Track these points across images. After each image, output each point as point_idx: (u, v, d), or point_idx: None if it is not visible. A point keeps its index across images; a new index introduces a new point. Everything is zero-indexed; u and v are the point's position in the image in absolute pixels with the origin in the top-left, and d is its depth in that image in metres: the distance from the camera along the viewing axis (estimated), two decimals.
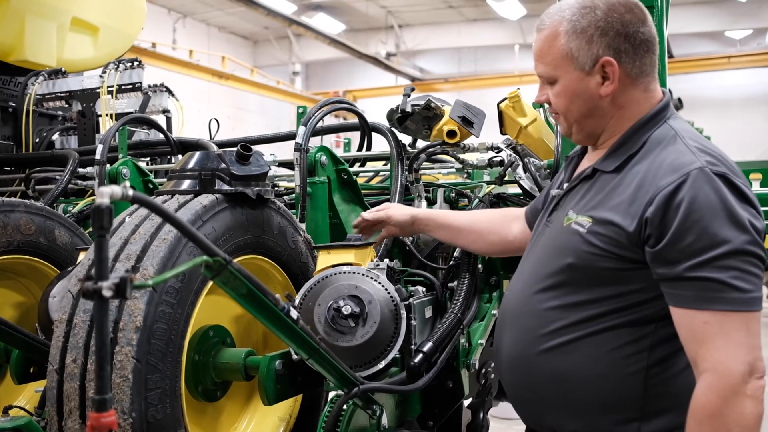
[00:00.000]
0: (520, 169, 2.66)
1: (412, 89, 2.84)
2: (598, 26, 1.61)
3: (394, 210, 2.24)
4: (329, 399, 2.01)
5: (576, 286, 1.63)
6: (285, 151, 3.36)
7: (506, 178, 2.72)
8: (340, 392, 1.93)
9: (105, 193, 1.11)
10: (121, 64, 4.06)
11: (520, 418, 1.83)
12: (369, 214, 2.18)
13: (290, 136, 3.37)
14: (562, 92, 1.67)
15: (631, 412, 1.59)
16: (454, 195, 2.76)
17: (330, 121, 3.28)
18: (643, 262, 1.55)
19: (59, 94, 4.19)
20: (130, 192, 1.17)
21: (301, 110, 2.95)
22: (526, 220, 2.12)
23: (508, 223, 2.18)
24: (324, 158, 2.56)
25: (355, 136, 3.50)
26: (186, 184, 2.02)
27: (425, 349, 2.06)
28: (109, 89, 3.97)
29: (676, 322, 1.52)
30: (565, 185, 1.80)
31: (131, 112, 3.92)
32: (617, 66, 1.61)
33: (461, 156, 2.79)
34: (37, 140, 4.10)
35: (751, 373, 1.44)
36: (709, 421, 1.45)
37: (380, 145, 3.13)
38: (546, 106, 1.82)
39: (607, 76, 1.63)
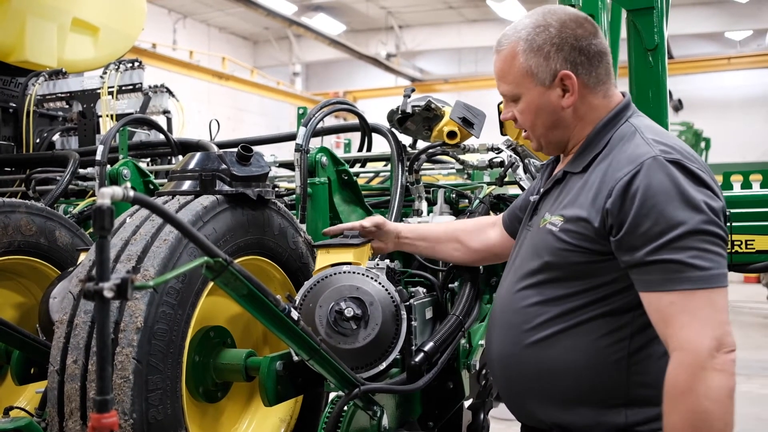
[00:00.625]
0: (520, 170, 2.66)
1: (413, 90, 2.85)
2: (553, 43, 1.70)
3: (384, 219, 2.23)
4: (330, 400, 2.01)
5: (554, 282, 1.70)
6: (285, 151, 3.36)
7: (506, 179, 2.73)
8: (340, 393, 1.93)
9: (106, 194, 1.11)
10: (121, 65, 4.07)
11: (510, 412, 1.86)
12: (368, 222, 2.17)
13: (290, 137, 3.37)
14: (525, 108, 1.76)
15: (617, 399, 1.63)
16: (454, 196, 2.76)
17: (330, 122, 3.28)
18: (612, 254, 1.61)
19: (60, 95, 4.19)
20: (131, 193, 1.17)
21: (301, 111, 2.95)
22: (503, 224, 2.17)
23: (486, 230, 2.23)
24: (324, 159, 2.56)
25: (356, 137, 3.50)
26: (187, 184, 2.02)
27: (426, 348, 2.06)
28: (110, 90, 3.97)
29: (646, 307, 1.57)
30: (542, 190, 1.88)
31: (132, 113, 3.92)
32: (575, 78, 1.70)
33: (461, 157, 2.80)
34: (38, 141, 4.10)
35: (719, 348, 1.47)
36: (681, 398, 1.48)
37: (380, 145, 3.14)
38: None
39: (566, 89, 1.71)
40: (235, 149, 2.05)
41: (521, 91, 1.74)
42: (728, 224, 2.33)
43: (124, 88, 4.05)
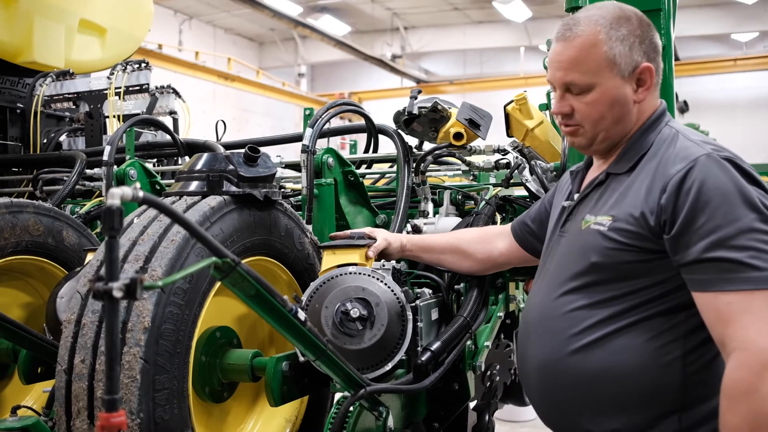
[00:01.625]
0: (526, 172, 2.66)
1: (419, 91, 2.85)
2: (636, 34, 1.67)
3: (387, 234, 2.22)
4: (335, 401, 2.01)
5: (602, 283, 1.65)
6: (290, 152, 3.37)
7: (513, 181, 2.73)
8: (346, 393, 1.93)
9: (116, 195, 1.12)
10: (128, 66, 4.08)
11: (548, 426, 1.79)
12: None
13: (297, 138, 3.38)
14: (599, 99, 1.68)
15: (670, 404, 1.58)
16: (460, 197, 2.76)
17: (335, 123, 3.29)
18: (665, 252, 1.57)
19: (67, 96, 4.21)
20: (141, 193, 1.17)
21: (308, 112, 2.96)
22: (513, 234, 2.15)
23: (491, 240, 2.22)
24: (331, 160, 2.57)
25: (361, 138, 3.51)
26: (194, 185, 2.03)
27: (433, 347, 2.06)
28: (117, 91, 3.99)
29: (699, 307, 1.53)
30: (576, 195, 1.83)
31: (138, 114, 3.94)
32: (654, 72, 1.68)
33: (468, 158, 2.80)
34: (45, 141, 4.12)
35: None
36: (743, 398, 1.44)
37: (387, 147, 3.14)
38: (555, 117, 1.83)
39: (642, 83, 1.68)
40: (242, 150, 2.06)
41: (598, 80, 1.66)
42: None
43: (131, 88, 4.07)
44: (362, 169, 3.31)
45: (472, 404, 2.56)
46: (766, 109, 20.06)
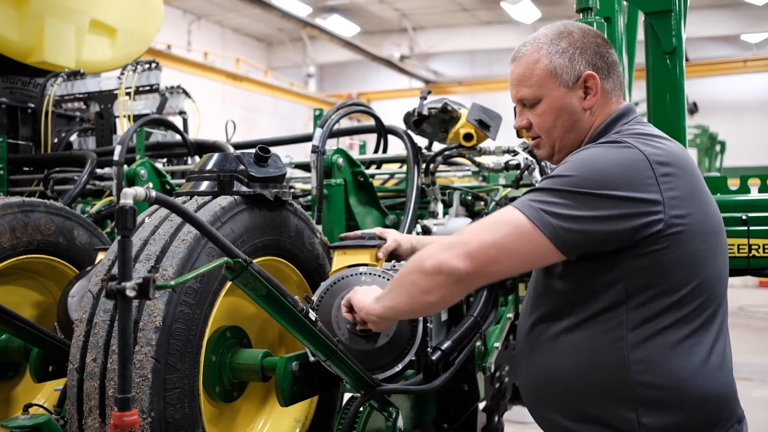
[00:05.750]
0: (536, 173, 2.66)
1: (429, 92, 2.85)
2: (576, 46, 1.75)
3: (397, 235, 2.23)
4: (345, 401, 2.02)
5: (544, 287, 1.74)
6: (298, 153, 3.38)
7: (522, 182, 2.72)
8: (356, 394, 1.94)
9: (128, 195, 1.13)
10: (138, 66, 4.10)
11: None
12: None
13: (306, 138, 3.39)
14: (546, 110, 1.77)
15: (627, 402, 1.56)
16: (470, 198, 2.76)
17: (344, 123, 3.29)
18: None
19: (77, 96, 4.23)
20: (153, 193, 1.18)
21: (317, 113, 2.96)
22: None
23: None
24: (341, 160, 2.58)
25: (371, 139, 3.51)
26: (204, 185, 2.03)
27: (444, 346, 2.06)
28: (127, 91, 4.01)
29: None
30: None
31: (149, 114, 3.95)
32: (599, 79, 1.74)
33: (477, 159, 2.80)
34: (56, 141, 4.15)
35: None
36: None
37: (396, 147, 3.14)
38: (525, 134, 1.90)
39: (588, 90, 1.75)
40: (252, 150, 2.06)
41: (543, 93, 1.75)
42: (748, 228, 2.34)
43: (141, 88, 4.09)
44: (372, 170, 3.32)
45: (481, 405, 2.55)
46: None
